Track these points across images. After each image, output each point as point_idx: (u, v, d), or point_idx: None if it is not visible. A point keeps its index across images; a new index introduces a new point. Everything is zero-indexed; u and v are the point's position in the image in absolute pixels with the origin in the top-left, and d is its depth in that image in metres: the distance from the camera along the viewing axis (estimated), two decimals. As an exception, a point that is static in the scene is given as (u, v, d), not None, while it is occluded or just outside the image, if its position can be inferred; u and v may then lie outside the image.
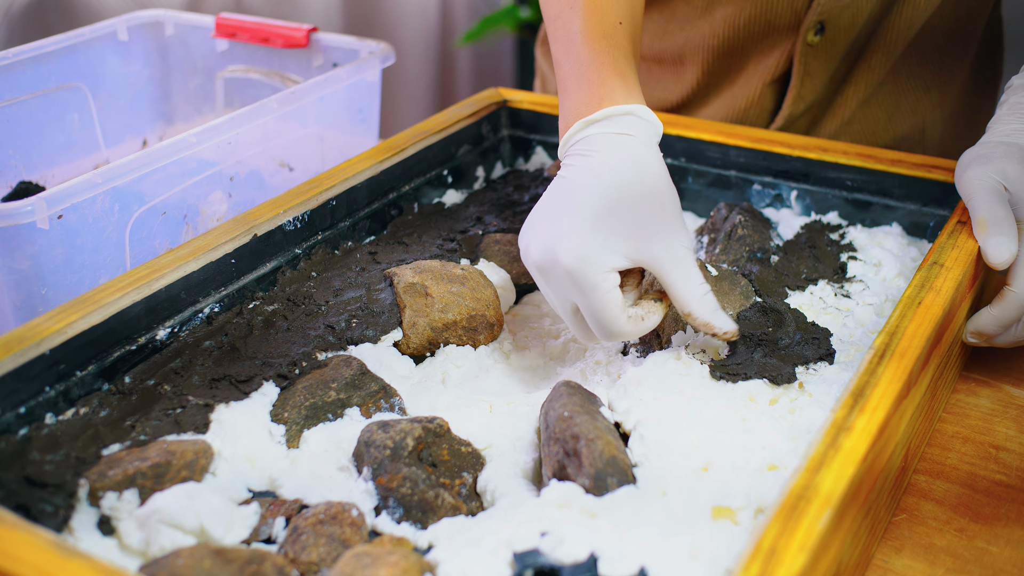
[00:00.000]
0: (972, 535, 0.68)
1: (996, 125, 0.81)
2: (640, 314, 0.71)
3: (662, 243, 0.71)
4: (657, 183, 0.73)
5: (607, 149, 0.74)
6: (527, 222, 0.75)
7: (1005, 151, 0.77)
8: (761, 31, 1.04)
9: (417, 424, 0.67)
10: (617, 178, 0.72)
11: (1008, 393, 0.81)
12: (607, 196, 0.71)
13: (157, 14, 1.18)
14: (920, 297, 0.70)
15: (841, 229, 0.91)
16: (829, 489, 0.54)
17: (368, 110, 1.11)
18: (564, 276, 0.70)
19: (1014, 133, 0.79)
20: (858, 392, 0.62)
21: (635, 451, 0.66)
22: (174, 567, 0.56)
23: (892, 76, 1.07)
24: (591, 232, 0.70)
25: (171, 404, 0.70)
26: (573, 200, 0.72)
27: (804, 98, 1.06)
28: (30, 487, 0.62)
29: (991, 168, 0.76)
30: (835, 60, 1.04)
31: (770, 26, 1.03)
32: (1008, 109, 0.81)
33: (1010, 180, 0.76)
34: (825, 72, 1.05)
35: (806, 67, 1.04)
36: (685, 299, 0.71)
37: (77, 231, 0.83)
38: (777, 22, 1.02)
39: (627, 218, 0.71)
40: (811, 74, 1.04)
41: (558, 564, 0.56)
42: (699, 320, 0.71)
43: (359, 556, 0.57)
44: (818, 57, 1.03)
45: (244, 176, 0.99)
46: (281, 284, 0.82)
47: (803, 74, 1.04)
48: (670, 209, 0.72)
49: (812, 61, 1.03)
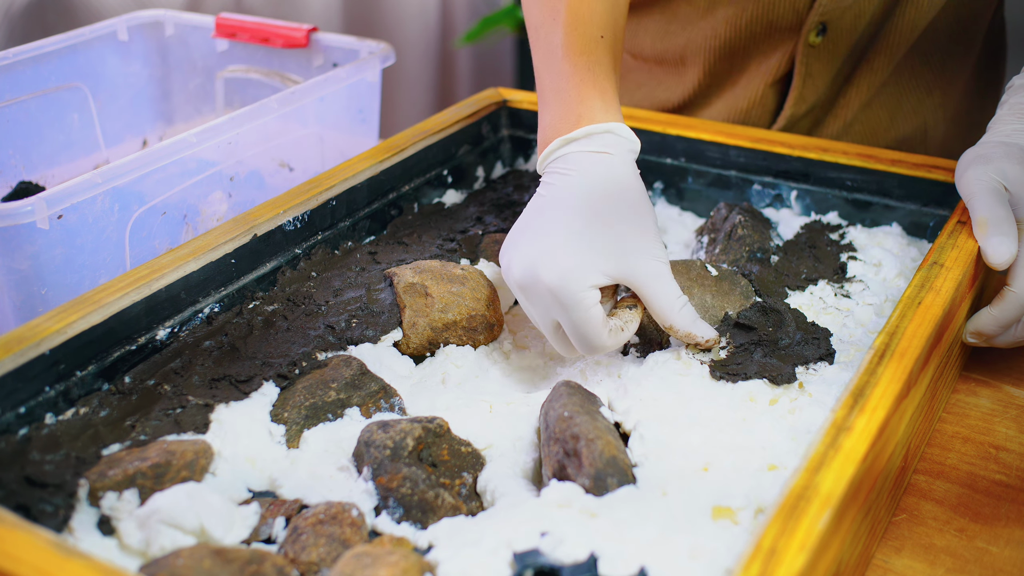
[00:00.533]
0: (972, 535, 0.68)
1: (996, 125, 0.81)
2: (619, 325, 0.73)
3: (641, 259, 0.72)
4: (634, 200, 0.74)
5: (585, 167, 0.75)
6: (507, 240, 0.76)
7: (1005, 151, 0.77)
8: (763, 31, 1.04)
9: (417, 424, 0.67)
10: (596, 196, 0.74)
11: (1008, 393, 0.81)
12: (586, 214, 0.73)
13: (157, 14, 1.18)
14: (920, 297, 0.70)
15: (841, 229, 0.91)
16: (829, 489, 0.54)
17: (368, 110, 1.11)
18: (546, 294, 0.71)
19: (1014, 133, 0.79)
20: (858, 392, 0.62)
21: (635, 451, 0.66)
22: (174, 567, 0.56)
23: (894, 77, 1.07)
24: (572, 250, 0.71)
25: (171, 404, 0.70)
26: (553, 219, 0.74)
27: (806, 99, 1.06)
28: (30, 487, 0.62)
29: (991, 168, 0.76)
30: (837, 61, 1.04)
31: (772, 26, 1.03)
32: (1008, 109, 0.81)
33: (1010, 180, 0.76)
34: (827, 73, 1.05)
35: (808, 68, 1.04)
36: (665, 313, 0.73)
37: (77, 231, 0.83)
38: (779, 23, 1.02)
39: (606, 236, 0.72)
40: (813, 75, 1.04)
41: (558, 564, 0.56)
42: (680, 332, 0.73)
43: (359, 556, 0.57)
44: (820, 58, 1.03)
45: (244, 176, 0.99)
46: (281, 284, 0.82)
47: (805, 75, 1.04)
48: (648, 225, 0.74)
49: (814, 62, 1.03)
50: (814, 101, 1.06)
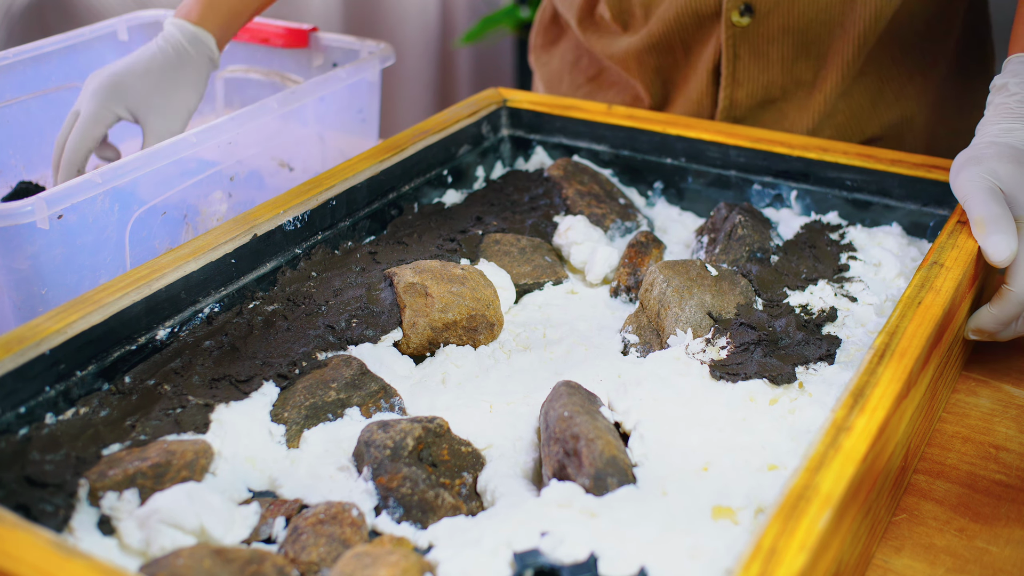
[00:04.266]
0: (972, 535, 0.68)
1: (985, 126, 0.81)
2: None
3: None
4: None
5: None
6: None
7: (996, 151, 0.78)
8: (692, 22, 1.06)
9: (417, 424, 0.67)
10: None
11: (1008, 393, 0.81)
12: None
13: (157, 14, 1.18)
14: (920, 297, 0.70)
15: (841, 229, 0.91)
16: (829, 489, 0.54)
17: (368, 110, 1.11)
18: None
19: (1003, 133, 0.80)
20: (858, 392, 0.62)
21: (635, 451, 0.66)
22: (174, 567, 0.56)
23: (874, 65, 1.07)
24: None
25: (171, 404, 0.70)
26: None
27: (741, 82, 1.07)
28: (30, 487, 0.62)
29: (983, 169, 0.77)
30: (775, 43, 1.05)
31: (698, 15, 1.05)
32: (994, 110, 0.82)
33: (1003, 179, 0.76)
34: (764, 55, 1.05)
35: (736, 50, 1.05)
36: None
37: (77, 231, 0.83)
38: (703, 10, 1.05)
39: None
40: (742, 56, 1.05)
41: (558, 564, 0.56)
42: None
43: (359, 556, 0.57)
44: (750, 39, 1.04)
45: (244, 176, 0.99)
46: (281, 284, 0.82)
47: (733, 57, 1.06)
48: None
49: (742, 43, 1.05)
50: (757, 85, 1.07)
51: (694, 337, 0.77)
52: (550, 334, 0.83)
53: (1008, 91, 0.81)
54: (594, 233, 0.92)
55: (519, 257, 0.89)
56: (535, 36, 1.28)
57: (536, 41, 1.28)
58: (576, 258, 0.90)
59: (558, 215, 0.95)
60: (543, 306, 0.87)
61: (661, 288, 0.80)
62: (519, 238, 0.91)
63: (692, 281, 0.80)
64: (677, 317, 0.78)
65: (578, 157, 1.04)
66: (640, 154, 1.01)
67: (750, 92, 1.07)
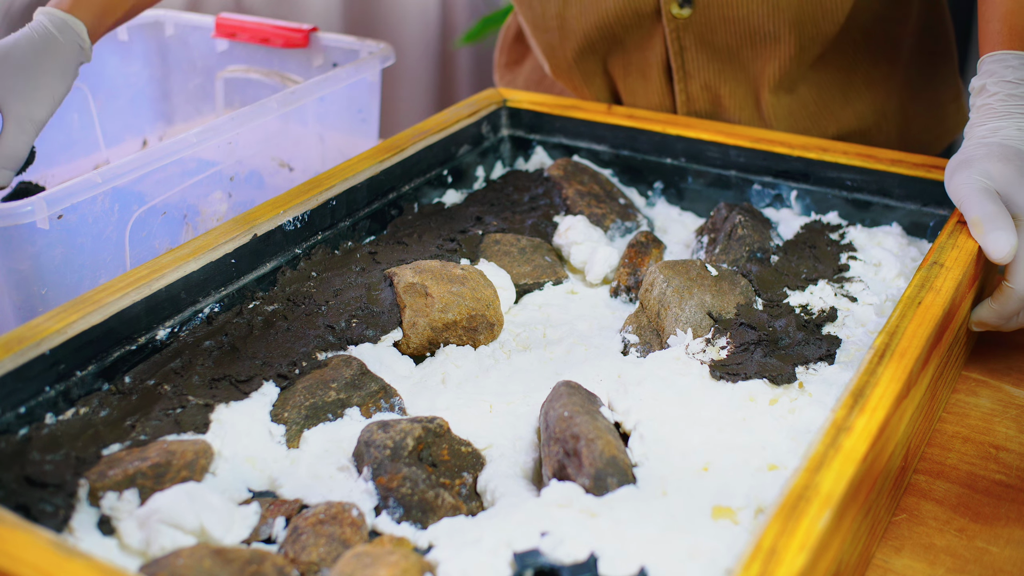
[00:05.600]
0: (972, 535, 0.68)
1: (971, 129, 0.82)
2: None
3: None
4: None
5: None
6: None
7: (986, 152, 0.79)
8: (632, 20, 1.05)
9: (417, 424, 0.67)
10: None
11: (1008, 393, 0.81)
12: None
13: (157, 14, 1.18)
14: (920, 297, 0.70)
15: (841, 229, 0.91)
16: (829, 489, 0.54)
17: (368, 110, 1.11)
18: None
19: (990, 133, 0.80)
20: (858, 392, 0.62)
21: (635, 451, 0.66)
22: (174, 567, 0.56)
23: (836, 53, 1.07)
24: None
25: (171, 404, 0.70)
26: None
27: (692, 74, 1.06)
28: (30, 487, 0.62)
29: (975, 171, 0.78)
30: (722, 33, 1.04)
31: (637, 13, 1.04)
32: (977, 112, 0.83)
33: (995, 179, 0.77)
34: (709, 44, 1.04)
35: (680, 42, 1.05)
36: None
37: (77, 231, 0.83)
38: (641, 7, 1.04)
39: None
40: (688, 48, 1.05)
41: (558, 564, 0.56)
42: None
43: (359, 556, 0.57)
44: (693, 30, 1.04)
45: (244, 176, 0.99)
46: (281, 284, 0.82)
47: (679, 49, 1.05)
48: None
49: (687, 35, 1.04)
50: (709, 74, 1.06)
51: (694, 337, 0.77)
52: (550, 334, 0.83)
53: (987, 92, 0.82)
54: (594, 233, 0.92)
55: (519, 257, 0.89)
56: (499, 55, 1.28)
57: (500, 60, 1.28)
58: (576, 258, 0.90)
59: (558, 215, 0.95)
60: (543, 306, 0.87)
61: (661, 288, 0.80)
62: (519, 238, 0.91)
63: (692, 281, 0.80)
64: (677, 317, 0.78)
65: (578, 157, 1.04)
66: (640, 154, 1.01)
67: (703, 83, 1.07)
